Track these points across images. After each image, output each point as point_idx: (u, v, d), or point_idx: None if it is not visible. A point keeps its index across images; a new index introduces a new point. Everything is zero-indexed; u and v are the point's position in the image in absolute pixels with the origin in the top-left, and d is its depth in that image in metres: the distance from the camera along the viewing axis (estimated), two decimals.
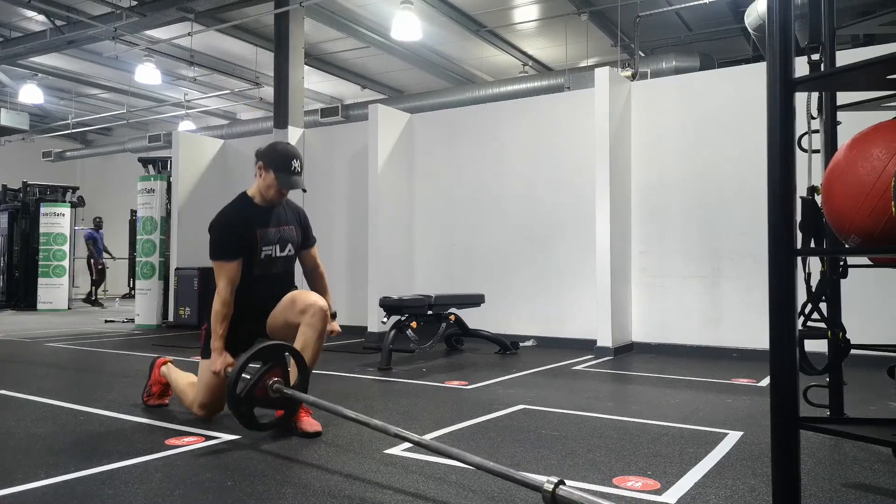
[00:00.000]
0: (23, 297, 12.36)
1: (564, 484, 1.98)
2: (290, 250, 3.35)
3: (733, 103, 5.98)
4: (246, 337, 3.33)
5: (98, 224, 14.22)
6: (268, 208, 3.29)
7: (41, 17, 10.47)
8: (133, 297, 11.57)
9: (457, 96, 11.34)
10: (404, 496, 2.29)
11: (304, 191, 3.39)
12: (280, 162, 3.20)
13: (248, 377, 2.98)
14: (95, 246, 13.86)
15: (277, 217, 3.32)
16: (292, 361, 3.12)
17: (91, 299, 13.73)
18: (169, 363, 3.71)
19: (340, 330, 3.46)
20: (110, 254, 14.81)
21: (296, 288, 3.44)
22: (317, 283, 3.51)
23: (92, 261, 13.91)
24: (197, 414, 3.36)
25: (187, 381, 3.49)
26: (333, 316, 3.40)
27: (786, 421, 1.67)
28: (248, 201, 3.29)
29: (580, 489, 2.24)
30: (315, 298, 3.19)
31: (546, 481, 1.98)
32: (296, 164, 3.23)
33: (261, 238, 3.23)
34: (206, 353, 3.28)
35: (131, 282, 15.63)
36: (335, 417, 3.45)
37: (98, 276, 14.09)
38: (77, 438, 3.04)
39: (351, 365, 5.36)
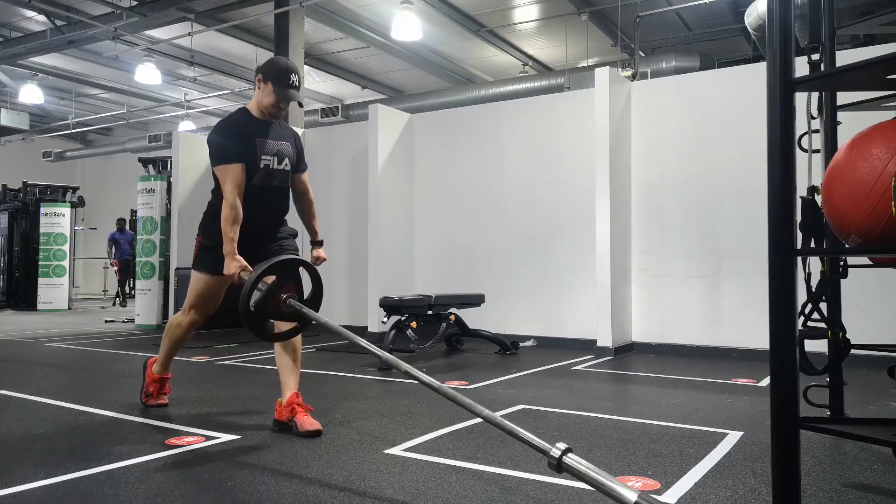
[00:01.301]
0: (23, 297, 12.36)
1: (572, 451, 1.95)
2: (286, 165, 3.35)
3: (733, 103, 5.98)
4: (243, 252, 3.21)
5: (120, 225, 13.96)
6: (266, 122, 3.31)
7: (41, 17, 10.48)
8: (133, 297, 11.56)
9: (457, 96, 11.35)
10: (404, 496, 2.29)
11: (301, 105, 3.41)
12: (279, 75, 3.22)
13: (262, 288, 2.89)
14: (117, 247, 13.63)
15: (275, 132, 3.33)
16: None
17: (117, 299, 13.91)
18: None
19: (326, 257, 3.49)
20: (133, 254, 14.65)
21: (292, 238, 3.43)
22: (306, 209, 3.56)
23: (110, 262, 13.96)
24: (186, 322, 3.40)
25: (172, 317, 3.57)
26: (321, 243, 3.50)
27: (786, 421, 1.67)
28: (247, 113, 3.31)
29: (579, 490, 2.24)
30: (296, 345, 3.25)
31: (554, 447, 1.95)
32: (294, 78, 3.25)
33: (260, 147, 3.23)
34: (198, 265, 3.34)
35: (131, 282, 15.57)
36: (335, 417, 3.45)
37: (120, 276, 14.00)
38: (77, 438, 3.04)
39: (351, 365, 5.36)
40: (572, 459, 1.93)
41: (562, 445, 1.95)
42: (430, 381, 2.41)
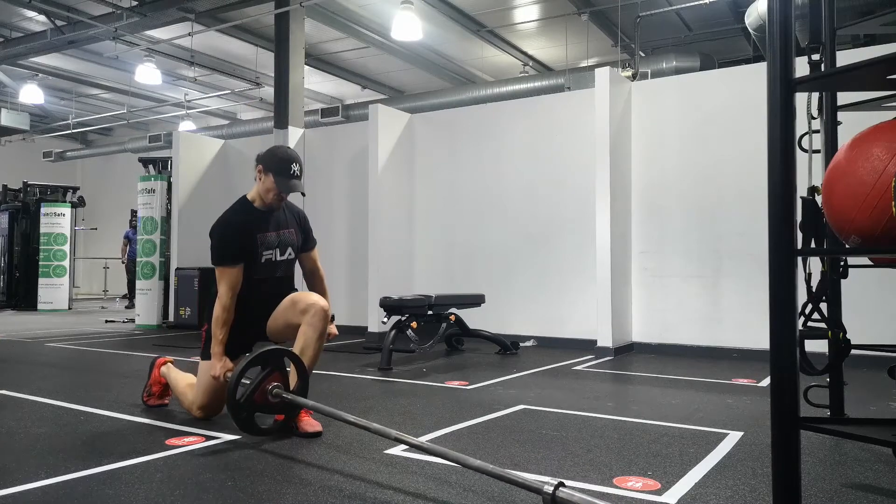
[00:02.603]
0: (23, 297, 12.35)
1: (564, 485, 1.98)
2: (290, 254, 3.35)
3: (733, 103, 5.98)
4: (246, 341, 3.35)
5: (135, 223, 13.26)
6: (267, 212, 3.29)
7: (42, 18, 10.47)
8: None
9: (457, 96, 11.34)
10: (404, 496, 2.29)
11: (304, 195, 3.39)
12: (279, 166, 3.20)
13: (248, 382, 2.98)
14: (130, 246, 12.89)
15: (277, 221, 3.32)
16: (292, 367, 3.12)
17: (127, 300, 13.47)
18: (169, 363, 3.71)
19: (338, 332, 3.46)
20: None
21: (296, 290, 3.44)
22: (316, 285, 3.51)
23: (122, 261, 13.40)
24: (195, 415, 3.37)
25: (186, 383, 3.49)
26: (332, 319, 3.40)
27: (786, 421, 1.67)
28: (248, 205, 3.29)
29: (580, 490, 2.24)
30: (316, 298, 3.19)
31: (546, 484, 1.98)
32: (295, 167, 3.23)
33: (261, 242, 3.24)
34: (205, 355, 3.29)
35: None
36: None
37: (129, 276, 13.27)
38: (77, 438, 3.04)
39: (351, 365, 5.36)
40: (566, 493, 1.96)
41: (553, 481, 1.98)
42: (422, 444, 2.45)
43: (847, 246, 1.97)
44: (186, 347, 6.45)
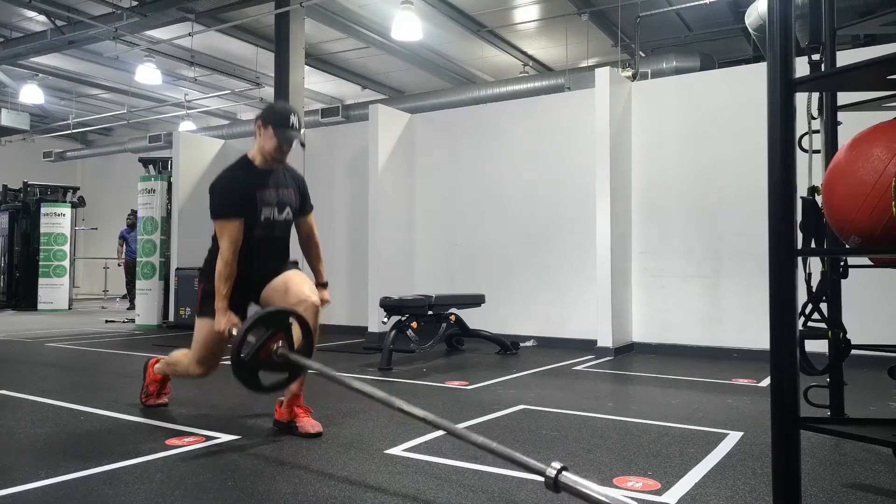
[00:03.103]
0: (23, 297, 12.35)
1: (567, 470, 1.96)
2: (288, 214, 3.34)
3: (734, 103, 5.98)
4: (242, 301, 3.28)
5: (131, 222, 12.60)
6: (267, 171, 3.29)
7: (42, 18, 10.47)
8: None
9: (457, 96, 11.34)
10: (404, 496, 2.29)
11: (303, 145, 3.39)
12: (278, 118, 3.21)
13: (253, 340, 2.91)
14: (126, 245, 12.58)
15: (277, 179, 3.31)
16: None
17: (127, 299, 12.94)
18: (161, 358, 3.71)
19: (331, 301, 3.45)
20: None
21: (293, 266, 3.42)
22: (311, 250, 3.52)
23: (119, 263, 13.08)
24: (193, 373, 3.34)
25: (180, 353, 3.50)
26: (325, 285, 3.45)
27: (786, 421, 1.67)
28: (249, 163, 3.29)
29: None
30: (308, 293, 3.17)
31: (549, 467, 1.96)
32: (293, 119, 3.24)
33: (260, 199, 3.22)
34: (203, 312, 3.28)
35: None
36: (335, 418, 3.45)
37: (126, 276, 12.88)
38: (77, 438, 3.04)
39: (351, 365, 5.36)
40: (568, 478, 1.94)
41: (557, 465, 1.96)
42: (424, 416, 2.41)
43: (847, 246, 1.97)
44: (186, 347, 6.45)
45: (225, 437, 3.05)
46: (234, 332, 2.98)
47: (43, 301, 12.05)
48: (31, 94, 13.31)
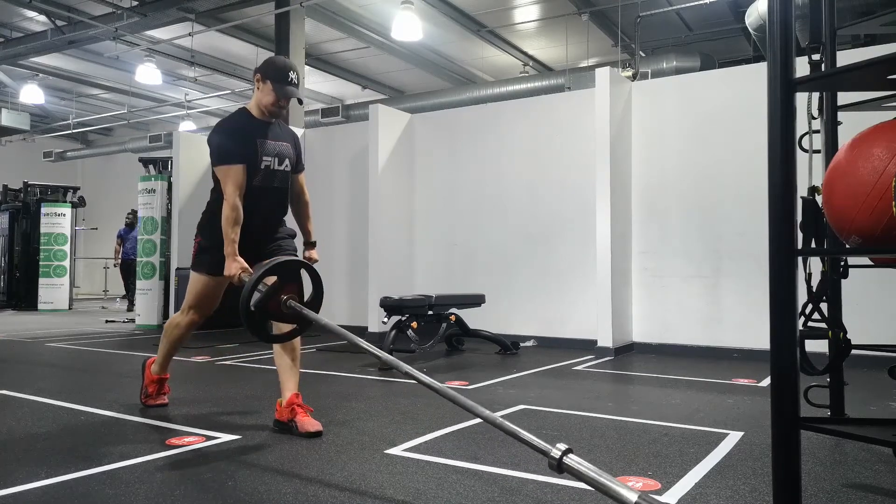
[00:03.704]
0: (24, 297, 12.36)
1: (573, 452, 1.95)
2: (286, 165, 3.35)
3: (734, 103, 5.98)
4: (243, 253, 3.23)
5: (129, 221, 12.22)
6: (266, 122, 3.30)
7: (42, 18, 10.48)
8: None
9: (457, 96, 11.35)
10: (405, 496, 2.29)
11: (300, 102, 3.42)
12: (277, 73, 3.22)
13: (262, 290, 2.88)
14: (124, 245, 12.21)
15: (275, 132, 3.33)
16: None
17: (126, 301, 12.32)
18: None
19: (318, 258, 3.46)
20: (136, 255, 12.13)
21: (290, 238, 3.42)
22: (301, 209, 3.55)
23: (114, 263, 12.71)
24: (185, 322, 3.40)
25: (171, 317, 3.58)
26: (313, 245, 3.50)
27: (786, 421, 1.67)
28: (247, 114, 3.31)
29: (580, 490, 2.24)
30: (295, 344, 3.23)
31: (554, 448, 1.96)
32: (293, 75, 3.25)
33: (261, 147, 3.23)
34: (197, 266, 3.33)
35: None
36: (335, 417, 3.45)
37: (123, 278, 12.42)
38: (77, 438, 3.04)
39: (351, 365, 5.36)
40: (573, 460, 1.92)
41: (562, 446, 1.95)
42: (429, 382, 2.42)
43: (847, 246, 1.97)
44: (186, 347, 6.45)
45: (225, 437, 3.05)
46: (245, 276, 2.98)
47: (43, 301, 12.05)
48: (32, 94, 13.32)
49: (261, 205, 3.27)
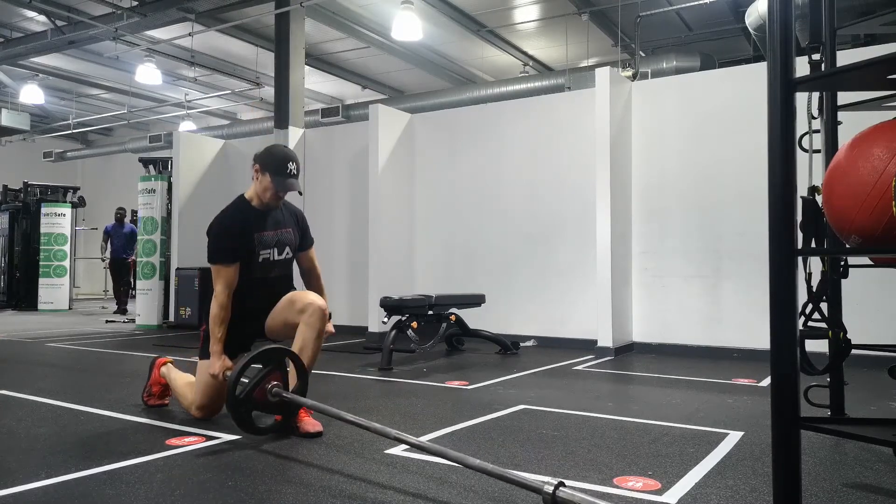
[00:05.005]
0: (24, 297, 12.36)
1: (564, 485, 1.98)
2: (287, 253, 3.35)
3: (734, 103, 5.98)
4: (244, 340, 3.35)
5: (118, 217, 11.81)
6: (265, 211, 3.29)
7: (42, 18, 10.48)
8: (134, 297, 11.53)
9: (457, 96, 11.34)
10: (405, 496, 2.29)
11: (301, 193, 3.40)
12: (276, 165, 3.20)
13: (247, 381, 2.98)
14: (108, 242, 11.73)
15: (275, 220, 3.32)
16: (291, 367, 3.12)
17: (117, 309, 11.46)
18: (169, 363, 3.71)
19: (334, 331, 3.46)
20: (127, 253, 11.62)
21: (294, 289, 3.44)
22: (313, 284, 3.52)
23: (101, 260, 12.15)
24: (195, 416, 3.37)
25: (185, 382, 3.49)
26: (329, 317, 3.41)
27: (787, 421, 1.67)
28: (246, 204, 3.29)
29: (580, 489, 2.24)
30: (313, 298, 3.19)
31: (546, 483, 1.98)
32: (292, 166, 3.23)
33: (258, 242, 3.24)
34: (204, 354, 3.29)
35: (133, 283, 15.48)
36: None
37: (113, 278, 11.82)
38: (78, 438, 3.04)
39: (351, 365, 5.36)
40: (565, 492, 1.95)
41: (553, 480, 1.98)
42: (417, 442, 2.44)
43: (847, 246, 1.97)
44: (187, 347, 6.45)
45: (225, 437, 3.05)
46: (228, 374, 3.03)
47: (43, 301, 12.05)
48: (32, 94, 13.31)
49: (260, 294, 3.30)
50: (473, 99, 10.80)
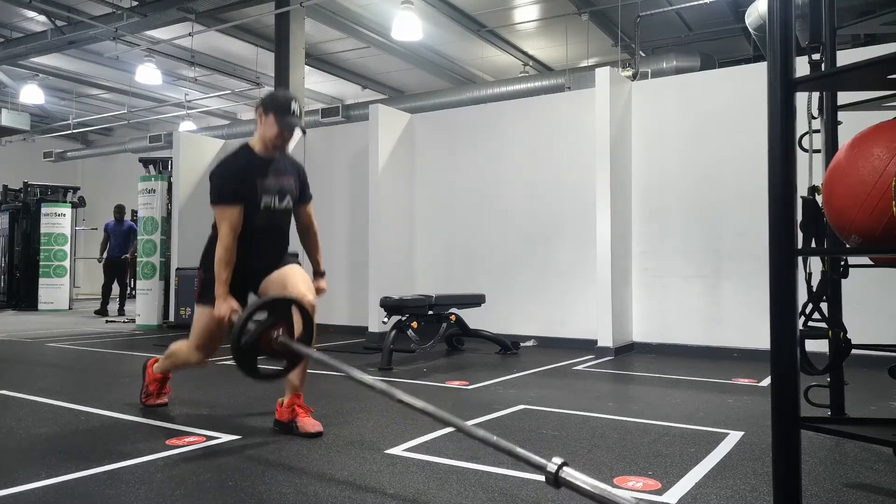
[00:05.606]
0: (24, 297, 12.36)
1: (568, 465, 1.95)
2: (288, 202, 3.34)
3: (734, 103, 5.98)
4: (240, 291, 3.27)
5: (117, 214, 11.48)
6: (268, 159, 3.29)
7: (42, 18, 10.48)
8: (134, 297, 11.50)
9: (457, 96, 11.34)
10: (405, 496, 2.29)
11: (304, 132, 3.41)
12: (279, 105, 3.23)
13: (252, 328, 2.88)
14: (111, 241, 11.30)
15: (277, 168, 3.32)
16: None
17: (99, 308, 11.22)
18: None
19: (326, 288, 3.46)
20: (126, 252, 11.31)
21: (293, 259, 3.41)
22: (309, 240, 3.53)
23: (98, 259, 11.62)
24: (192, 360, 3.34)
25: (178, 343, 3.49)
26: (323, 274, 3.48)
27: (787, 421, 1.67)
28: (249, 151, 3.30)
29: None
30: (305, 291, 3.17)
31: (550, 462, 1.96)
32: (294, 106, 3.26)
33: (260, 187, 3.23)
34: (202, 299, 3.27)
35: (132, 282, 15.48)
36: (336, 418, 3.45)
37: (104, 278, 11.36)
38: (78, 438, 3.04)
39: (352, 365, 5.36)
40: (569, 473, 1.93)
41: (557, 460, 1.95)
42: (423, 407, 2.41)
43: (847, 246, 1.97)
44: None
45: (225, 437, 3.05)
46: (235, 317, 2.97)
47: (43, 301, 12.05)
48: (32, 94, 13.32)
49: (261, 243, 3.27)
50: (473, 99, 10.80)
